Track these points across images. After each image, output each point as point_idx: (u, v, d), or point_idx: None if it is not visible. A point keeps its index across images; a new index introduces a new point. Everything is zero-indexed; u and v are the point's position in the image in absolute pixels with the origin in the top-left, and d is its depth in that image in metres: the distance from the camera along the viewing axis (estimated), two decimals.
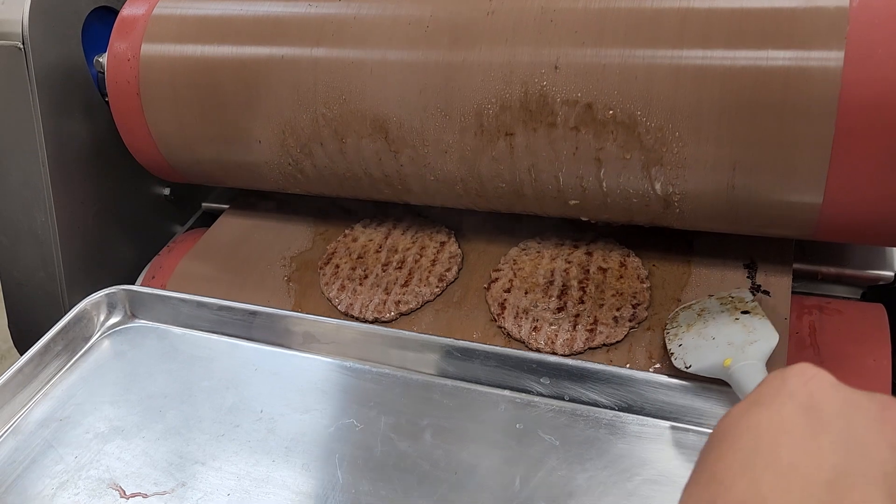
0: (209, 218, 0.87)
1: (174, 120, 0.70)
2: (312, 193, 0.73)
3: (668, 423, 0.56)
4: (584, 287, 0.63)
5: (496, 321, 0.62)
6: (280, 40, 0.65)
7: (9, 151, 0.72)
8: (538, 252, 0.68)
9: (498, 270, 0.66)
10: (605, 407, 0.58)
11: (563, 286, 0.63)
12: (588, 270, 0.64)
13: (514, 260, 0.67)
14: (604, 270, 0.64)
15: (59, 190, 0.73)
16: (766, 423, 0.30)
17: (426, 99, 0.60)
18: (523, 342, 0.59)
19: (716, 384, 0.55)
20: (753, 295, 0.60)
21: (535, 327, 0.60)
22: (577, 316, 0.60)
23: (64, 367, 0.66)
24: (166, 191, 0.88)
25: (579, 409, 0.58)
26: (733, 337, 0.55)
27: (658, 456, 0.54)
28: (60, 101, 0.73)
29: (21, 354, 0.77)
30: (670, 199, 0.57)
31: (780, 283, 0.62)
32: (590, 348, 0.59)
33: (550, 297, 0.62)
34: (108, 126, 0.76)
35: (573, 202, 0.61)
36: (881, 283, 0.66)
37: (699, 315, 0.60)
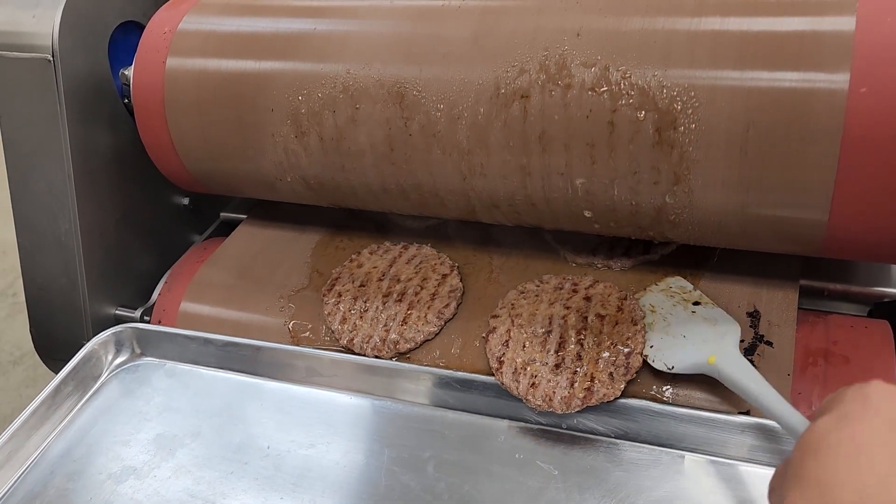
0: (227, 227, 0.92)
1: (197, 132, 0.74)
2: (317, 197, 0.76)
3: (664, 450, 0.59)
4: (581, 341, 0.64)
5: (494, 375, 0.63)
6: (302, 55, 0.69)
7: (36, 160, 0.77)
8: (536, 296, 0.69)
9: (496, 317, 0.67)
10: (602, 435, 0.59)
11: (560, 338, 0.64)
12: (586, 318, 0.65)
13: (513, 304, 0.68)
14: (602, 317, 0.65)
15: (83, 198, 0.78)
16: (861, 436, 0.35)
17: (448, 63, 0.63)
18: (521, 398, 0.60)
19: (708, 411, 0.58)
20: (756, 345, 0.62)
21: (533, 383, 0.61)
22: (574, 373, 0.61)
23: (75, 407, 0.69)
24: (186, 200, 0.93)
25: (577, 437, 0.59)
26: (703, 333, 0.60)
27: (655, 483, 0.56)
28: (86, 111, 0.77)
29: (42, 358, 0.84)
30: (681, 174, 0.58)
31: (783, 335, 0.63)
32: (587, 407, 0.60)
33: (548, 351, 0.63)
34: (131, 137, 0.81)
35: (580, 181, 0.61)
36: (886, 299, 0.68)
37: (653, 311, 0.64)
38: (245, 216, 0.90)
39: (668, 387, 0.61)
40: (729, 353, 0.57)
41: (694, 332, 0.61)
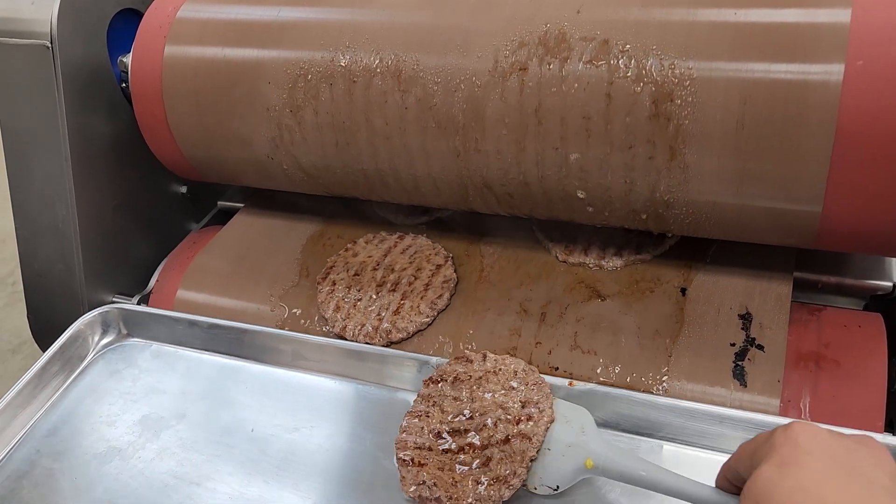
0: (224, 216, 0.93)
1: (195, 119, 0.75)
2: (310, 182, 0.76)
3: (643, 439, 0.60)
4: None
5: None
6: (301, 44, 0.69)
7: (34, 147, 0.78)
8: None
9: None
10: None
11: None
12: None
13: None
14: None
15: (81, 185, 0.79)
16: (805, 481, 0.36)
17: (447, 37, 0.64)
18: None
19: (690, 402, 0.58)
20: (747, 349, 0.62)
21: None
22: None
23: (62, 386, 0.70)
24: (183, 189, 0.94)
25: None
26: (562, 435, 0.55)
27: None
28: (85, 99, 0.78)
29: (39, 344, 0.85)
30: (676, 148, 0.58)
31: (775, 338, 0.63)
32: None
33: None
34: (129, 124, 0.82)
35: (575, 156, 0.62)
36: (880, 293, 0.68)
37: None
38: (242, 205, 0.90)
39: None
40: (601, 451, 0.53)
41: (554, 440, 0.55)
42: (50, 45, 0.73)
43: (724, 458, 0.57)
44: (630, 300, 0.68)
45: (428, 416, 0.59)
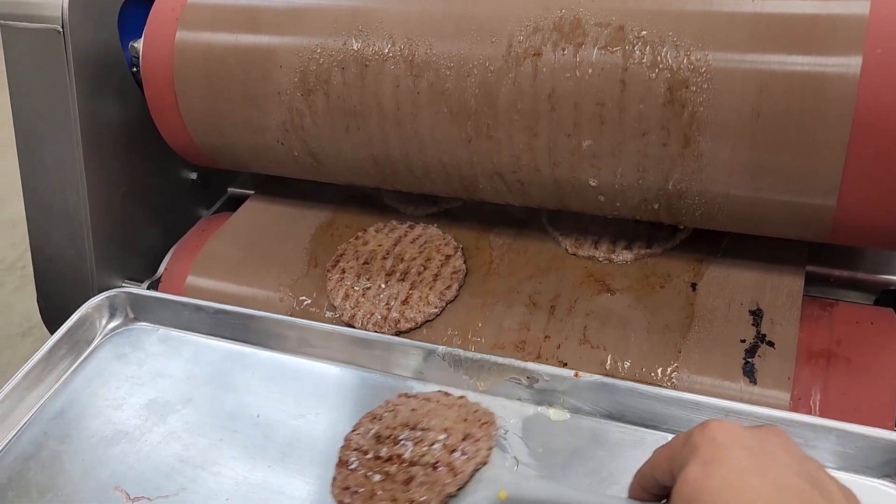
0: (234, 202, 0.93)
1: (206, 104, 0.75)
2: (319, 168, 0.76)
3: (648, 431, 0.59)
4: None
5: None
6: (313, 28, 0.69)
7: (45, 131, 0.78)
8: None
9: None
10: (587, 414, 0.59)
11: None
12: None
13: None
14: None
15: (92, 170, 0.79)
16: (730, 477, 0.38)
17: (461, 22, 0.64)
18: None
19: (695, 395, 0.58)
20: (758, 345, 0.62)
21: None
22: None
23: (69, 369, 0.71)
24: (193, 175, 0.94)
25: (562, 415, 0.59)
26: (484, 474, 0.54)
27: (638, 463, 0.55)
28: (96, 84, 0.79)
29: (48, 328, 0.85)
30: (690, 136, 0.58)
31: (785, 335, 0.62)
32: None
33: None
34: (140, 110, 0.82)
35: (587, 143, 0.61)
36: (892, 287, 0.68)
37: None
38: (252, 192, 0.91)
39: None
40: (512, 479, 0.52)
41: (476, 479, 0.54)
42: (61, 30, 0.74)
43: None
44: (640, 294, 0.68)
45: (380, 420, 0.59)
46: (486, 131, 0.65)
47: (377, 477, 0.55)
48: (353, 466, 0.56)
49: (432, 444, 0.55)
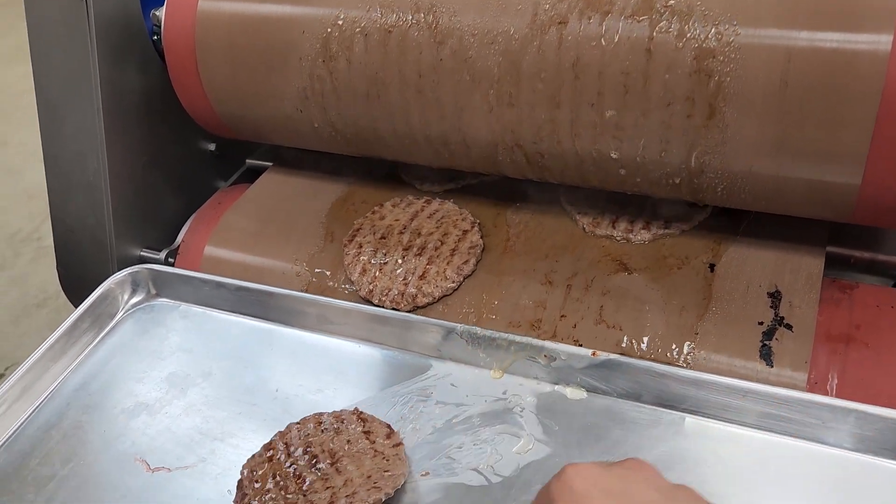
0: (252, 174, 0.93)
1: (228, 74, 0.76)
2: (339, 139, 0.76)
3: (665, 411, 0.60)
4: None
5: None
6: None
7: (66, 99, 0.79)
8: None
9: None
10: (604, 393, 0.59)
11: None
12: None
13: None
14: None
15: (112, 139, 0.79)
16: None
17: None
18: None
19: (712, 375, 0.58)
20: (776, 328, 0.61)
21: None
22: None
23: (91, 343, 0.72)
24: (212, 146, 0.94)
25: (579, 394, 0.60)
26: None
27: (654, 443, 0.57)
28: (117, 52, 0.79)
29: (69, 297, 0.86)
30: (716, 106, 0.57)
31: (804, 318, 0.62)
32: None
33: None
34: (161, 79, 0.82)
35: (610, 113, 0.61)
36: None
37: None
38: (271, 164, 0.91)
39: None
40: None
41: None
42: None
43: (747, 431, 0.57)
44: (657, 275, 0.68)
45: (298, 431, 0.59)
46: (507, 100, 0.64)
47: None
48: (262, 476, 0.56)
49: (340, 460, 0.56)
